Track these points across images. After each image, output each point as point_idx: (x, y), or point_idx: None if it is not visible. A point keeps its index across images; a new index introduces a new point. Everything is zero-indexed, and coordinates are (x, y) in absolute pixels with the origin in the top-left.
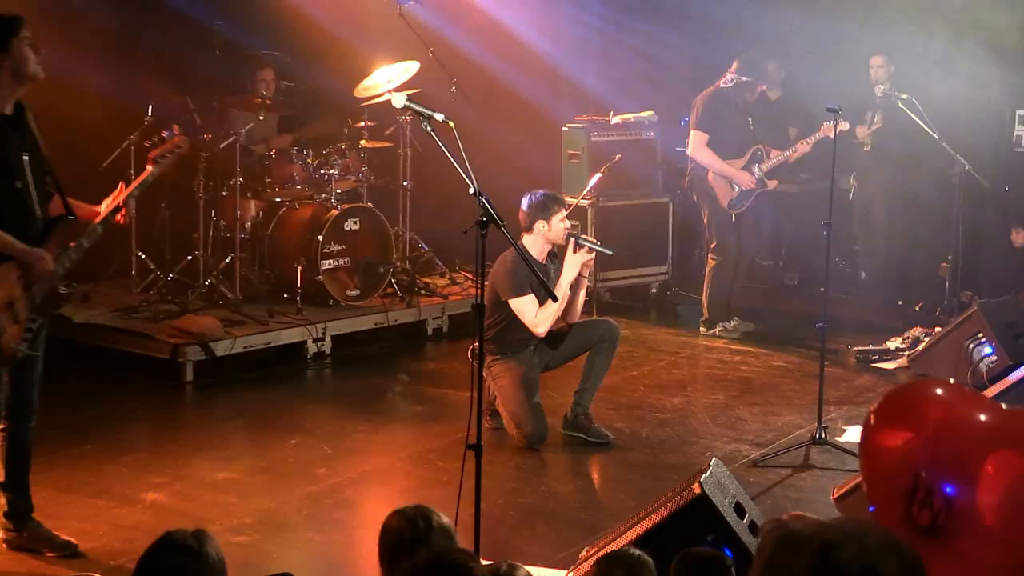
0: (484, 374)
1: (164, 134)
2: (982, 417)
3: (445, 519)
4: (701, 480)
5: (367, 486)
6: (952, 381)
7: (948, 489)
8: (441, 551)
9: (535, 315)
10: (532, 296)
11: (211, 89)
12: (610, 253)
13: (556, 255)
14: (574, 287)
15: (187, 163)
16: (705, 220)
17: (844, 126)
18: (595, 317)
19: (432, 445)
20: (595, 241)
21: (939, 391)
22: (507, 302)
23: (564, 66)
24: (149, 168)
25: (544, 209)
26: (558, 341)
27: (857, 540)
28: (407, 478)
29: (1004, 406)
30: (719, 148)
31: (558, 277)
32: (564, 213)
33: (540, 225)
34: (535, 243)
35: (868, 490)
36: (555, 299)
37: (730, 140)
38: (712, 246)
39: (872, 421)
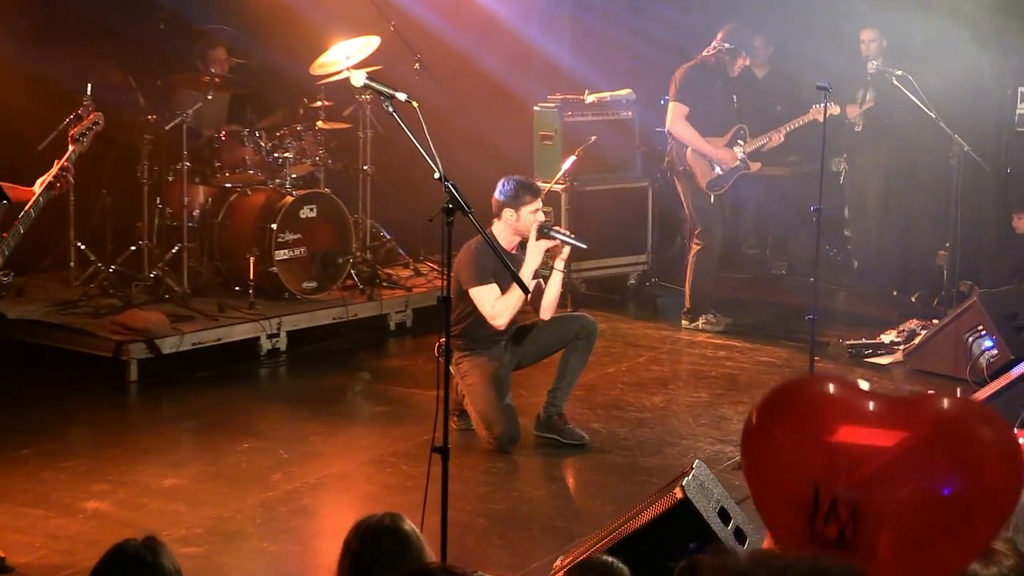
0: (452, 371)
1: (80, 111)
2: (875, 412)
3: (416, 530)
4: (683, 484)
5: (326, 492)
6: (849, 377)
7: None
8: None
9: (492, 306)
10: (493, 286)
11: (156, 66)
12: (583, 247)
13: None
14: (550, 280)
15: (130, 146)
16: (684, 203)
17: (835, 110)
18: (571, 312)
19: (395, 448)
20: (567, 232)
21: (827, 387)
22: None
23: (536, 41)
24: (71, 148)
25: (514, 197)
26: (530, 336)
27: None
28: (368, 484)
29: (892, 396)
30: (700, 125)
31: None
32: (536, 205)
33: (508, 214)
34: (503, 232)
35: (760, 506)
36: (525, 290)
37: (711, 117)
38: (696, 231)
39: (755, 422)
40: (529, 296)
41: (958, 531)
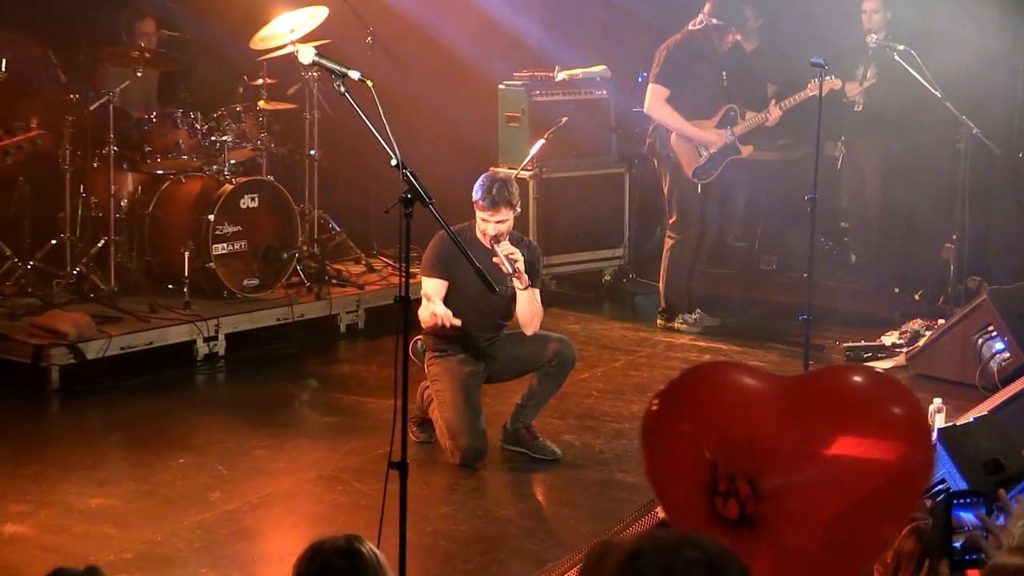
0: (424, 369)
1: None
2: (764, 390)
3: (377, 551)
4: None
5: (270, 513)
6: (744, 362)
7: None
8: None
9: (423, 301)
10: (437, 281)
11: (78, 40)
12: (508, 272)
13: (521, 241)
14: (517, 298)
15: (51, 128)
16: (666, 190)
17: (835, 84)
18: (553, 334)
19: (347, 463)
20: (512, 257)
21: (728, 372)
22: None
23: (501, 12)
24: None
25: (474, 194)
26: (506, 351)
27: (668, 552)
28: (317, 503)
29: (775, 376)
30: (685, 106)
31: (507, 275)
32: (485, 215)
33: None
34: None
35: (659, 489)
36: (493, 291)
37: (698, 97)
38: (671, 221)
39: (656, 408)
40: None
41: (870, 510)
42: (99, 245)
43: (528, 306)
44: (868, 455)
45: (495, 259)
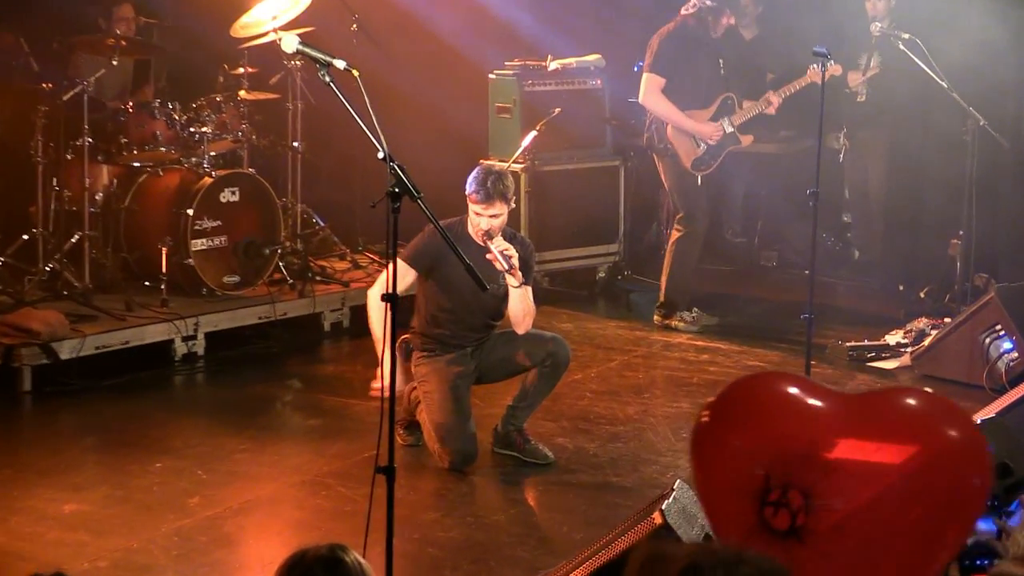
0: (411, 371)
1: None
2: (822, 405)
3: (362, 561)
4: (663, 508)
5: (251, 519)
6: (798, 374)
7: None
8: None
9: (376, 291)
10: (406, 269)
11: (51, 28)
12: (503, 269)
13: (515, 237)
14: (509, 296)
15: (22, 119)
16: (666, 185)
17: (836, 70)
18: (547, 333)
19: (332, 467)
20: (506, 253)
21: (781, 383)
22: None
23: (493, 1)
24: None
25: (467, 187)
26: (497, 350)
27: (726, 568)
28: (301, 508)
29: (836, 390)
30: (681, 96)
31: (500, 273)
32: (479, 208)
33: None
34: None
35: (707, 499)
36: (484, 288)
37: (694, 87)
38: (679, 216)
39: (707, 420)
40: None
41: (922, 530)
42: (73, 240)
43: (521, 304)
44: (924, 477)
45: (488, 255)
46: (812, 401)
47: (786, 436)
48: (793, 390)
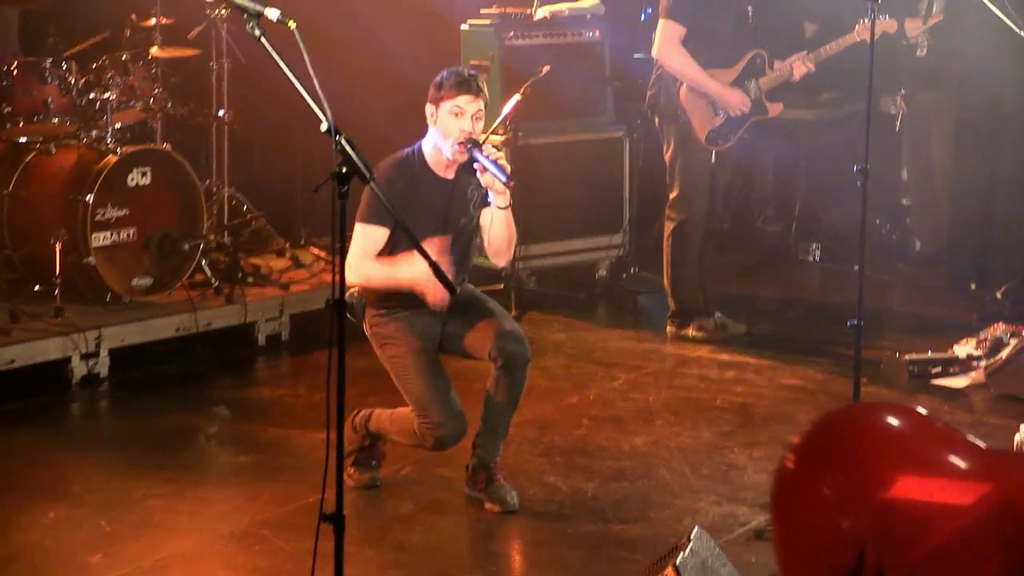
0: (368, 336)
1: None
2: (957, 465)
3: None
4: (677, 562)
5: None
6: (919, 409)
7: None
8: None
9: (356, 256)
10: (379, 231)
11: None
12: (503, 180)
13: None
14: (492, 219)
15: None
16: (667, 156)
17: (890, 25)
18: (507, 321)
19: (267, 515)
20: (495, 156)
21: (892, 422)
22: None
23: None
24: None
25: (436, 87)
26: (463, 315)
27: None
28: (229, 567)
29: (984, 446)
30: (702, 51)
31: (472, 204)
32: (461, 103)
33: (429, 112)
34: (431, 143)
35: (784, 564)
36: (453, 291)
37: (719, 41)
38: (672, 197)
39: (792, 466)
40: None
41: None
42: None
43: (506, 229)
44: None
45: (476, 167)
46: (940, 453)
47: (895, 502)
48: (911, 431)
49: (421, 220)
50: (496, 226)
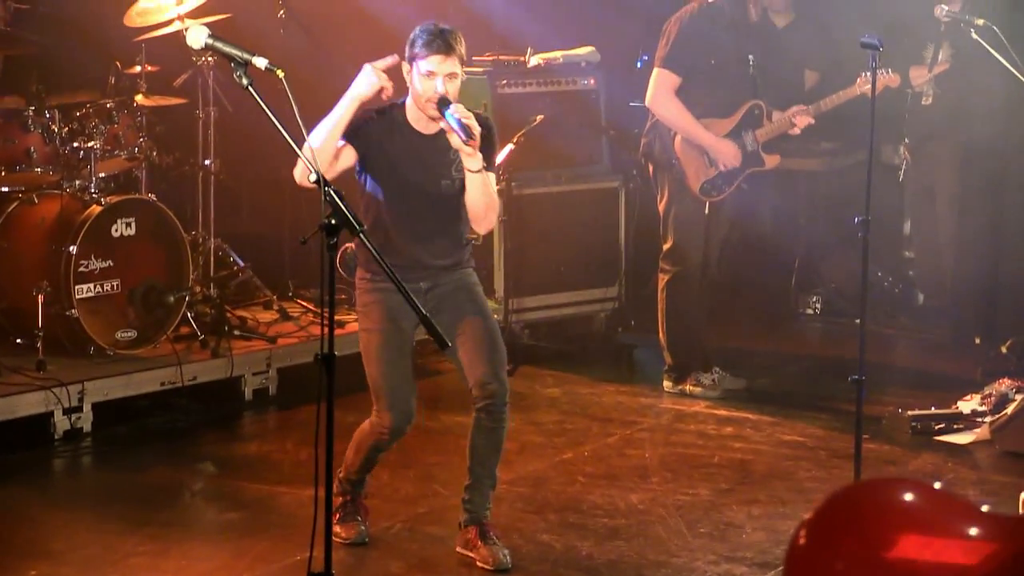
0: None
1: None
2: (971, 531)
3: None
4: None
5: None
6: (936, 485)
7: None
8: None
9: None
10: (346, 148)
11: None
12: (463, 139)
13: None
14: (467, 186)
15: None
16: (661, 206)
17: (892, 80)
18: (491, 345)
19: (254, 573)
20: (460, 115)
21: (905, 496)
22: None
23: None
24: None
25: (410, 45)
26: (449, 306)
27: None
28: None
29: (994, 512)
30: (699, 101)
31: (453, 166)
32: (433, 63)
33: (404, 68)
34: (412, 105)
35: None
36: (444, 345)
37: (716, 90)
38: (666, 248)
39: (804, 541)
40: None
41: None
42: None
43: (482, 196)
44: None
45: (442, 124)
46: (953, 522)
47: (906, 568)
48: (926, 509)
49: (399, 169)
50: (470, 190)
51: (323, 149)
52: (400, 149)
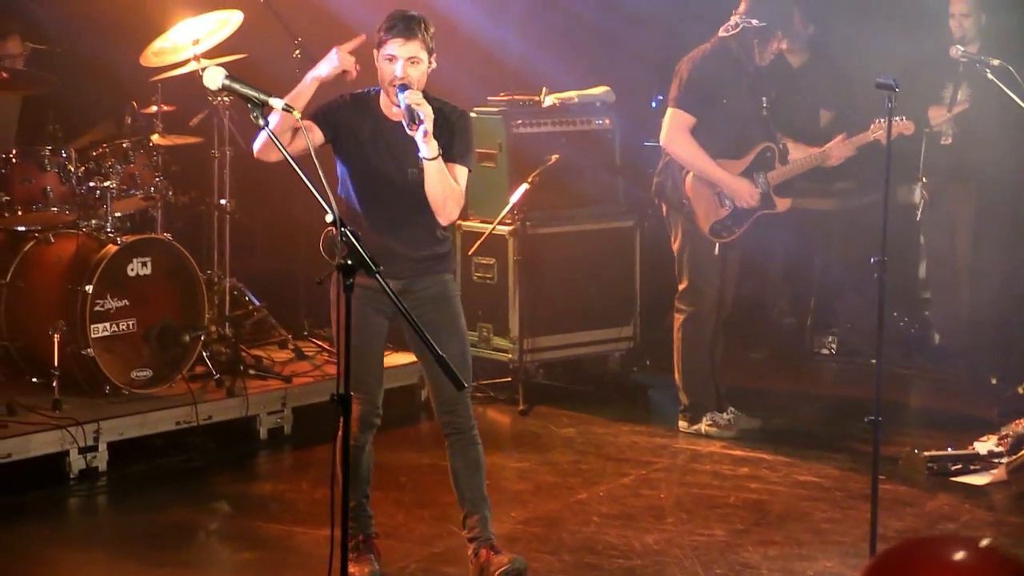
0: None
1: None
2: None
3: None
4: None
5: None
6: (983, 543)
7: None
8: None
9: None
10: (312, 127)
11: None
12: (406, 122)
13: (446, 104)
14: (424, 168)
15: None
16: (675, 247)
17: (907, 127)
18: (462, 397)
19: None
20: (411, 100)
21: (962, 558)
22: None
23: (470, 20)
24: None
25: (376, 31)
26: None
27: None
28: None
29: None
30: (712, 140)
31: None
32: (394, 48)
33: (374, 55)
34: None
35: None
36: (460, 386)
37: (728, 130)
38: (681, 288)
39: None
40: None
41: None
42: None
43: (438, 185)
44: None
45: (394, 109)
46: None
47: None
48: (978, 569)
49: (368, 155)
50: (426, 179)
51: (278, 126)
52: (369, 135)
